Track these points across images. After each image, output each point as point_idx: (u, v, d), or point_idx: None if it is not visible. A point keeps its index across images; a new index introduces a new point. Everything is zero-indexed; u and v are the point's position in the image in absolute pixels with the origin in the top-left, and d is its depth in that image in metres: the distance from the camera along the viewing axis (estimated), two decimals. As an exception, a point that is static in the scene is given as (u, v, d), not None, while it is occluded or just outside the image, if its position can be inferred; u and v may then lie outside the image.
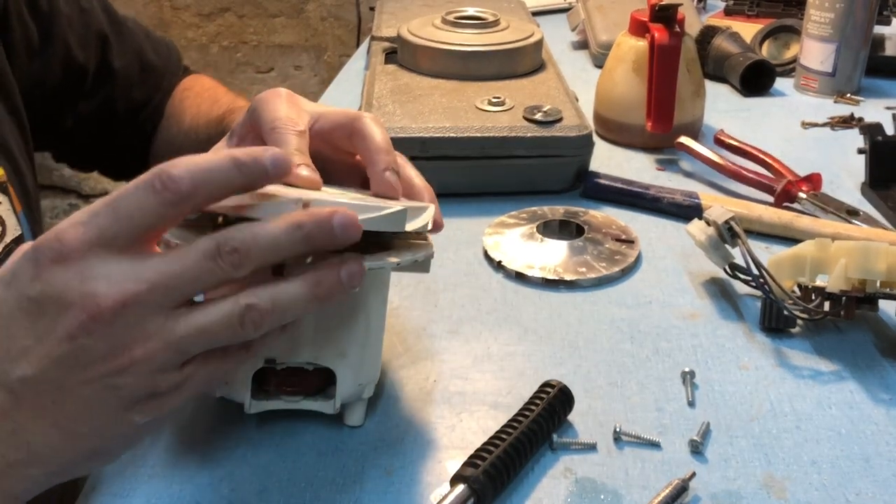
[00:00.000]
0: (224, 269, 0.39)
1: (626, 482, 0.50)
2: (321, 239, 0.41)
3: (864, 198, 0.85)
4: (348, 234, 0.42)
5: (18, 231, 0.68)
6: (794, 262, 0.63)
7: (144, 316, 0.38)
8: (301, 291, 0.42)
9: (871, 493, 0.49)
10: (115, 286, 0.38)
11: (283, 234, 0.41)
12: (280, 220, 0.41)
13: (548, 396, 0.52)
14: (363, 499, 0.48)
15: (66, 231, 0.38)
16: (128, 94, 0.83)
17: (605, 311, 0.66)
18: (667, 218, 0.81)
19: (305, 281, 0.42)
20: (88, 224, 0.38)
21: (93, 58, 0.79)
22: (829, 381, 0.59)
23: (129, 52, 0.83)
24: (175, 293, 0.39)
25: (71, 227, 0.39)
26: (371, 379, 0.53)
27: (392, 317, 0.64)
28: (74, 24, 0.77)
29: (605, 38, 1.24)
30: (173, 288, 0.39)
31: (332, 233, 0.41)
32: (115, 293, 0.38)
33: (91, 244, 0.38)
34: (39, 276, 0.38)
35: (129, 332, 0.38)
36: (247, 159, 0.40)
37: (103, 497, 0.49)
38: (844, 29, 1.08)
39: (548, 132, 0.82)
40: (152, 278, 0.38)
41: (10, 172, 0.69)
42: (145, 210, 0.39)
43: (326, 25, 2.39)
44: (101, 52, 0.80)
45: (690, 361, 0.60)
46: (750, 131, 0.99)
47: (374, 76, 0.95)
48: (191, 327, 0.39)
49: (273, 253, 0.41)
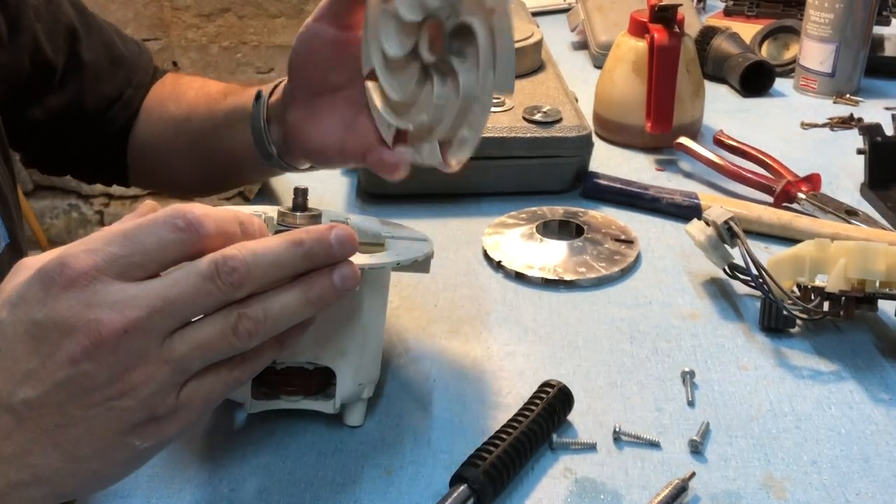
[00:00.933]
0: (224, 290, 0.40)
1: (626, 482, 0.50)
2: (321, 255, 0.42)
3: (864, 198, 0.85)
4: (346, 249, 0.43)
5: (7, 239, 0.68)
6: (794, 262, 0.63)
7: (145, 340, 0.39)
8: (294, 298, 0.42)
9: (870, 493, 0.49)
10: (117, 313, 0.38)
11: (284, 251, 0.41)
12: (279, 237, 0.42)
13: (547, 396, 0.52)
14: (363, 499, 0.48)
15: (76, 257, 0.39)
16: (98, 88, 0.81)
17: (605, 311, 0.66)
18: (666, 218, 0.81)
19: (298, 287, 0.42)
20: (100, 252, 0.39)
21: (62, 51, 0.78)
22: (829, 381, 0.59)
23: (98, 46, 0.81)
24: (175, 317, 0.39)
25: (82, 253, 0.39)
26: (371, 379, 0.53)
27: (392, 317, 0.65)
28: (43, 17, 0.76)
29: (604, 38, 1.24)
30: (173, 312, 0.39)
31: (330, 249, 0.42)
32: (118, 320, 0.38)
33: (100, 271, 0.39)
34: (46, 301, 0.38)
35: (130, 356, 0.39)
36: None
37: (103, 497, 0.49)
38: (844, 29, 1.09)
39: (547, 132, 0.82)
40: (153, 303, 0.39)
41: None
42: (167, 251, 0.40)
43: (326, 26, 2.39)
44: (71, 45, 0.79)
45: (690, 361, 0.60)
46: (749, 132, 0.99)
47: (373, 76, 0.95)
48: (187, 344, 0.40)
49: (274, 271, 0.41)
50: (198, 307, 0.40)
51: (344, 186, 0.87)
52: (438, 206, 0.79)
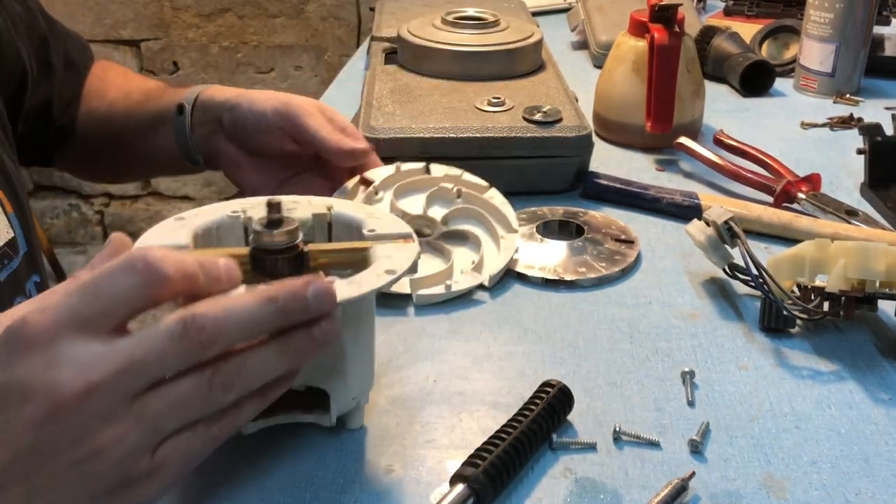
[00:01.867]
0: (192, 351, 0.38)
1: (626, 482, 0.50)
2: (297, 312, 0.40)
3: (864, 198, 0.85)
4: (323, 305, 0.41)
5: (11, 234, 0.68)
6: (794, 262, 0.63)
7: (112, 401, 0.37)
8: (271, 354, 0.41)
9: (870, 493, 0.49)
10: (80, 374, 0.36)
11: (256, 309, 0.39)
12: (252, 294, 0.40)
13: (547, 396, 0.52)
14: (363, 499, 0.48)
15: (33, 315, 0.37)
16: (61, 93, 0.83)
17: (605, 311, 0.66)
18: (666, 218, 0.81)
19: (275, 342, 0.41)
20: (60, 307, 0.37)
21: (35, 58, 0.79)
22: (829, 381, 0.59)
23: (61, 52, 0.83)
24: (142, 377, 0.38)
25: (40, 311, 0.37)
26: (365, 389, 0.52)
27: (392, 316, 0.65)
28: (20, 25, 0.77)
29: (604, 38, 1.24)
30: (140, 372, 0.38)
31: (306, 305, 0.40)
32: (80, 381, 0.36)
33: (61, 327, 0.37)
34: (9, 364, 0.37)
35: (95, 418, 0.37)
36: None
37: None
38: (844, 29, 1.09)
39: (547, 132, 0.82)
40: (118, 363, 0.37)
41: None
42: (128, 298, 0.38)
43: (327, 26, 2.39)
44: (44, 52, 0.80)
45: (690, 361, 0.60)
46: (749, 131, 0.99)
47: (374, 76, 0.95)
48: (161, 401, 0.38)
49: (246, 330, 0.39)
50: (166, 366, 0.38)
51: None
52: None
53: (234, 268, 0.42)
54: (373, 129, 0.81)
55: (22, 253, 0.69)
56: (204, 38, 2.40)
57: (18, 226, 0.69)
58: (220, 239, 0.53)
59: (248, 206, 0.54)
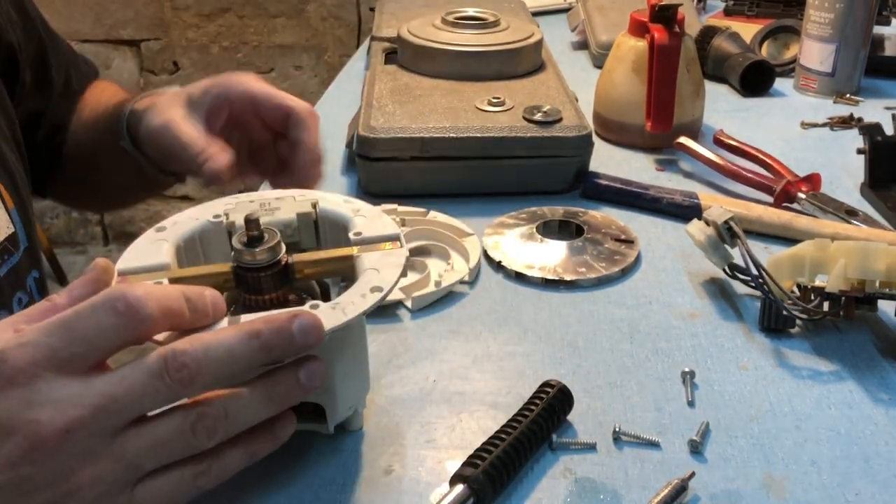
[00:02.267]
0: (173, 388, 0.38)
1: (626, 482, 0.50)
2: (281, 347, 0.40)
3: (864, 198, 0.85)
4: (309, 340, 0.40)
5: (11, 229, 0.68)
6: (794, 262, 0.63)
7: (90, 439, 0.37)
8: (255, 397, 0.40)
9: (870, 493, 0.49)
10: (59, 413, 0.36)
11: (238, 345, 0.39)
12: (235, 328, 0.39)
13: (547, 396, 0.52)
14: (363, 499, 0.48)
15: (13, 351, 0.37)
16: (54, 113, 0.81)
17: (605, 311, 0.66)
18: (666, 218, 0.81)
19: (260, 385, 0.40)
20: (39, 346, 0.37)
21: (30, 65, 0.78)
22: (829, 381, 0.59)
23: (62, 71, 0.82)
24: (122, 415, 0.37)
25: (19, 347, 0.37)
26: (361, 397, 0.52)
27: (392, 317, 0.65)
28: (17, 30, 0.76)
29: (604, 38, 1.24)
30: (118, 410, 0.37)
31: (291, 340, 0.39)
32: (58, 419, 0.36)
33: (38, 367, 0.37)
34: None
35: (74, 457, 0.37)
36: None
37: None
38: (844, 29, 1.09)
39: (547, 132, 0.82)
40: (96, 402, 0.37)
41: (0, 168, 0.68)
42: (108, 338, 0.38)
43: (327, 26, 2.39)
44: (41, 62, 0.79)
45: (690, 361, 0.60)
46: (749, 131, 0.99)
47: (374, 76, 0.95)
48: (142, 440, 0.38)
49: (227, 367, 0.39)
50: (145, 404, 0.38)
51: (343, 187, 0.87)
52: (439, 205, 0.79)
53: (220, 301, 0.42)
54: (373, 129, 0.81)
55: (22, 248, 0.69)
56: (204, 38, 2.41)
57: (19, 221, 0.69)
58: (205, 248, 0.51)
59: (230, 208, 0.52)
